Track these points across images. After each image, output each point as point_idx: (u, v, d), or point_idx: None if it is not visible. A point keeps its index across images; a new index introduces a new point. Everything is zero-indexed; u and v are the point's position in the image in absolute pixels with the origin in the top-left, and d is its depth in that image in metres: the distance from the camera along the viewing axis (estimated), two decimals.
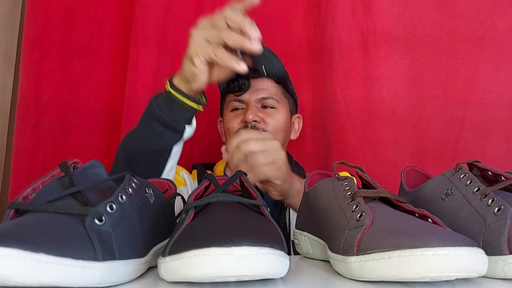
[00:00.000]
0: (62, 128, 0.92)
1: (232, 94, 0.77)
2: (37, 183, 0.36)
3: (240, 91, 0.75)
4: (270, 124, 0.75)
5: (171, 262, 0.29)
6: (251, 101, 0.76)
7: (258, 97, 0.76)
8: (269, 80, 0.78)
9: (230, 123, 0.77)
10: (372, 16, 0.89)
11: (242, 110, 0.77)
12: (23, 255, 0.24)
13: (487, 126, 0.85)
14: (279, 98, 0.78)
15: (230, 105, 0.78)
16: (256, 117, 0.74)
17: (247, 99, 0.76)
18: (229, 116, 0.78)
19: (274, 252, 0.28)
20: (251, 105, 0.75)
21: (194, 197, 0.37)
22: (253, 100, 0.76)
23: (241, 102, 0.76)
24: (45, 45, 0.92)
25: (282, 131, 0.77)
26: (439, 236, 0.29)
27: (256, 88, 0.76)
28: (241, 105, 0.77)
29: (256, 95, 0.76)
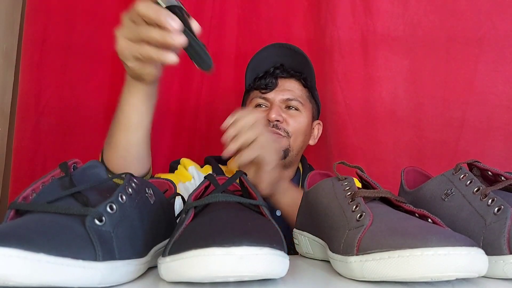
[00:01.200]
0: (62, 129, 0.92)
1: (257, 90, 0.77)
2: (37, 183, 0.36)
3: (266, 89, 0.75)
4: (292, 125, 0.75)
5: (171, 262, 0.29)
6: (275, 100, 0.75)
7: (284, 97, 0.76)
8: (296, 82, 0.78)
9: None
10: (372, 17, 0.89)
11: (265, 107, 0.77)
12: (23, 255, 0.24)
13: (487, 126, 0.85)
14: (304, 101, 0.78)
15: (254, 101, 0.78)
16: (279, 116, 0.74)
17: (272, 98, 0.76)
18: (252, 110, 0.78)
19: (274, 252, 0.28)
20: (275, 104, 0.75)
21: (194, 197, 0.37)
22: (278, 99, 0.76)
23: (265, 100, 0.76)
24: (45, 45, 0.92)
25: (302, 134, 0.77)
26: (439, 236, 0.29)
27: (283, 88, 0.76)
28: (265, 103, 0.77)
29: (281, 95, 0.76)
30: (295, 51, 0.78)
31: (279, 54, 0.78)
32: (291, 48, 0.78)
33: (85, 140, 0.93)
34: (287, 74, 0.77)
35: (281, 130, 0.74)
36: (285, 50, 0.78)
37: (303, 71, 0.78)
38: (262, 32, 0.96)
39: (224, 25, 0.97)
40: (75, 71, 0.93)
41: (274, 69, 0.77)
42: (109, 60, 0.95)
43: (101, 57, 0.94)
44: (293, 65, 0.78)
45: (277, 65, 0.77)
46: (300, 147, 0.79)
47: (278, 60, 0.77)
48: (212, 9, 0.96)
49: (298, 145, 0.77)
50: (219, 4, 0.97)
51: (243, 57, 0.91)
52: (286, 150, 0.75)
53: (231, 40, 0.97)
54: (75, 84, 0.93)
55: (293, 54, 0.78)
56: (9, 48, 0.95)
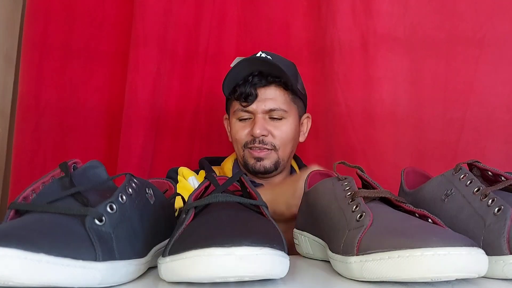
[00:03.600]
0: (62, 129, 0.92)
1: (237, 101, 0.74)
2: (37, 183, 0.36)
3: (247, 102, 0.72)
4: (278, 137, 0.74)
5: (171, 262, 0.29)
6: (258, 112, 0.73)
7: (266, 108, 0.73)
8: (277, 88, 0.74)
9: (237, 134, 0.75)
10: (372, 17, 0.89)
11: (249, 119, 0.75)
12: (24, 256, 0.24)
13: (487, 127, 0.85)
14: (288, 106, 0.75)
15: (237, 114, 0.75)
16: (264, 131, 0.72)
17: (254, 110, 0.73)
18: (236, 126, 0.76)
19: (274, 252, 0.28)
20: (258, 117, 0.73)
21: (194, 197, 0.37)
22: (260, 110, 0.73)
23: (248, 112, 0.74)
24: (45, 46, 0.92)
25: (290, 141, 0.76)
26: (439, 236, 0.29)
27: (264, 97, 0.72)
28: (248, 115, 0.74)
29: (263, 105, 0.72)
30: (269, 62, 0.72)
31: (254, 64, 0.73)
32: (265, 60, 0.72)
33: (85, 140, 0.93)
34: (266, 81, 0.72)
35: (268, 144, 0.73)
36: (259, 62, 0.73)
37: (281, 75, 0.73)
38: (262, 32, 0.96)
39: (224, 26, 0.97)
40: (75, 71, 0.94)
41: (252, 78, 0.72)
42: (109, 61, 0.95)
43: (101, 57, 0.95)
44: (270, 71, 0.72)
45: (255, 73, 0.72)
46: (290, 152, 0.78)
47: (254, 68, 0.73)
48: (212, 10, 0.96)
49: (287, 153, 0.76)
50: (219, 4, 0.97)
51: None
52: (276, 162, 0.75)
53: (231, 41, 0.97)
54: (75, 84, 0.94)
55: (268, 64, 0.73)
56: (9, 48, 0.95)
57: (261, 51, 0.74)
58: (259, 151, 0.73)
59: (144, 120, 0.89)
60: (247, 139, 0.74)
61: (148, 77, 0.89)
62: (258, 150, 0.73)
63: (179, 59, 0.95)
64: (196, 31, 0.96)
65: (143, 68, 0.89)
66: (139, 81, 0.89)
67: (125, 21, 0.94)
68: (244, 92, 0.72)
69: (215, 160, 0.84)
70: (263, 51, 0.74)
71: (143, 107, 0.89)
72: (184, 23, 0.95)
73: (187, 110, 0.96)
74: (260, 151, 0.73)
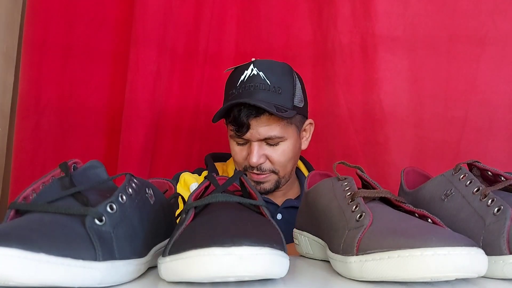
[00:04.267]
0: (62, 129, 0.92)
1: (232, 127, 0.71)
2: (37, 183, 0.36)
3: (240, 133, 0.69)
4: (277, 161, 0.71)
5: (171, 262, 0.29)
6: (253, 140, 0.70)
7: (260, 137, 0.69)
8: (270, 116, 0.68)
9: (236, 156, 0.74)
10: (372, 18, 0.89)
11: (246, 143, 0.72)
12: (24, 255, 0.24)
13: (488, 126, 0.85)
14: (284, 131, 0.70)
15: (233, 138, 0.73)
16: (261, 159, 0.70)
17: (249, 137, 0.70)
18: (234, 148, 0.74)
19: (274, 252, 0.28)
20: (254, 145, 0.70)
21: (194, 197, 0.37)
22: (255, 139, 0.69)
23: (243, 139, 0.71)
24: (45, 46, 0.92)
25: (291, 159, 0.73)
26: (439, 236, 0.29)
27: (257, 126, 0.68)
28: (244, 141, 0.72)
29: (257, 134, 0.69)
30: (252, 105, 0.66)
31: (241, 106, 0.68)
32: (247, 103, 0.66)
33: (85, 140, 0.93)
34: (257, 112, 0.67)
35: (266, 170, 0.71)
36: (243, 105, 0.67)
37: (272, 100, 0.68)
38: (262, 33, 0.96)
39: (223, 26, 0.97)
40: (75, 71, 0.94)
41: (242, 108, 0.67)
42: (109, 60, 0.95)
43: (101, 57, 0.95)
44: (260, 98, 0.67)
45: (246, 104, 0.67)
46: (291, 168, 0.76)
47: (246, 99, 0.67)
48: (211, 10, 0.96)
49: (288, 171, 0.74)
50: (219, 4, 0.97)
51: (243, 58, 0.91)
52: (277, 182, 0.74)
53: (231, 41, 0.97)
54: (75, 84, 0.94)
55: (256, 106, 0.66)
56: (9, 48, 0.95)
57: (252, 64, 0.70)
58: (258, 176, 0.72)
59: (144, 119, 0.89)
60: (245, 163, 0.73)
61: (148, 76, 0.89)
62: (256, 176, 0.72)
63: (179, 58, 0.95)
64: (196, 31, 0.96)
65: (143, 67, 0.89)
66: (139, 80, 0.89)
67: (125, 21, 0.94)
68: (237, 121, 0.68)
69: (221, 157, 0.83)
70: (255, 64, 0.70)
71: (143, 106, 0.89)
72: (184, 23, 0.95)
73: (187, 110, 0.96)
74: (258, 175, 0.72)
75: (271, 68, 0.71)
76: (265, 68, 0.70)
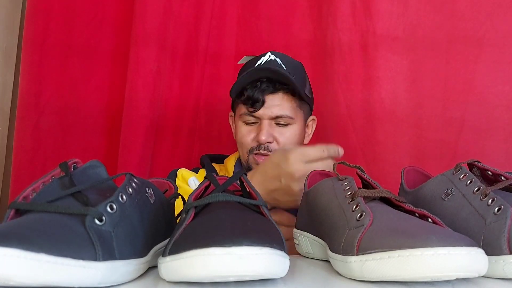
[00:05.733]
0: (62, 128, 0.92)
1: (244, 106, 0.74)
2: (37, 183, 0.36)
3: (254, 108, 0.72)
4: (283, 143, 0.74)
5: (171, 262, 0.29)
6: (264, 118, 0.73)
7: (272, 114, 0.72)
8: (284, 94, 0.73)
9: (243, 138, 0.75)
10: (371, 17, 0.89)
11: (255, 124, 0.75)
12: (24, 255, 0.24)
13: (487, 126, 0.85)
14: (294, 113, 0.74)
15: (243, 118, 0.75)
16: (270, 137, 0.72)
17: (261, 115, 0.73)
18: (242, 129, 0.76)
19: (274, 252, 0.28)
20: (264, 123, 0.72)
21: (195, 197, 0.37)
22: (267, 117, 0.72)
23: (254, 117, 0.74)
24: (45, 45, 0.92)
25: (296, 146, 0.75)
26: (439, 236, 0.29)
27: (271, 104, 0.72)
28: (255, 120, 0.74)
29: (270, 112, 0.72)
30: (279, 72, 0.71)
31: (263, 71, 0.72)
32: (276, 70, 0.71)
33: (85, 139, 0.93)
34: (274, 88, 0.72)
35: (273, 150, 0.73)
36: (269, 71, 0.72)
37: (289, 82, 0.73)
38: (262, 32, 0.96)
39: (224, 25, 0.97)
40: (75, 70, 0.94)
41: (260, 84, 0.72)
42: (108, 60, 0.95)
43: (101, 57, 0.95)
44: (279, 77, 0.72)
45: (263, 79, 0.72)
46: None
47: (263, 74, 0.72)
48: (212, 9, 0.96)
49: None
50: (219, 4, 0.97)
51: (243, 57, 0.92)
52: None
53: (231, 40, 0.97)
54: (75, 83, 0.93)
55: (278, 73, 0.72)
56: (9, 47, 0.95)
57: (269, 52, 0.74)
58: (264, 158, 0.73)
59: (144, 119, 0.89)
60: (252, 145, 0.74)
61: (148, 76, 0.89)
62: (263, 157, 0.73)
63: (179, 58, 0.95)
64: (196, 30, 0.96)
65: (143, 67, 0.89)
66: (139, 80, 0.89)
67: (125, 20, 0.94)
68: (251, 98, 0.72)
69: (217, 158, 0.84)
70: (272, 52, 0.74)
71: (143, 106, 0.89)
72: (184, 22, 0.95)
73: (187, 109, 0.96)
74: (265, 157, 0.73)
75: (286, 58, 0.75)
76: (282, 56, 0.75)
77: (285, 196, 0.60)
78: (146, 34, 0.89)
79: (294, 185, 0.59)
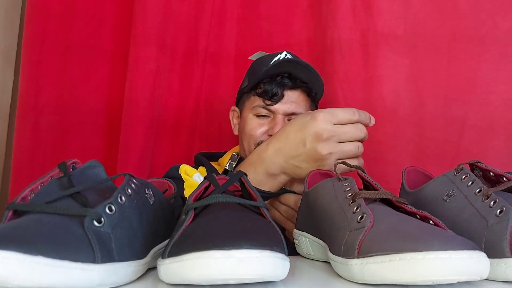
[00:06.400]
0: (61, 128, 0.92)
1: (260, 98, 0.73)
2: (36, 183, 0.35)
3: (272, 101, 0.72)
4: None
5: (170, 264, 0.29)
6: (279, 113, 0.72)
7: (288, 110, 0.72)
8: (301, 93, 0.74)
9: (254, 130, 0.74)
10: (372, 16, 0.88)
11: (267, 117, 0.74)
12: (22, 258, 0.24)
13: (489, 126, 0.84)
14: None
15: (256, 110, 0.74)
16: None
17: (276, 110, 0.72)
18: (253, 122, 0.75)
19: (275, 255, 0.28)
20: (279, 118, 0.72)
21: (194, 198, 0.37)
22: (282, 112, 0.72)
23: (268, 110, 0.73)
24: (45, 45, 0.91)
25: None
26: (441, 239, 0.28)
27: (288, 100, 0.72)
28: (267, 113, 0.74)
29: (286, 107, 0.72)
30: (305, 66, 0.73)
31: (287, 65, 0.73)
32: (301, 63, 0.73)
33: (84, 140, 0.93)
34: (294, 84, 0.72)
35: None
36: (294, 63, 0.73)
37: (309, 81, 0.74)
38: (262, 32, 0.96)
39: (224, 25, 0.97)
40: (74, 70, 0.93)
41: (281, 78, 0.72)
42: (108, 59, 0.95)
43: (100, 56, 0.94)
44: (299, 75, 0.73)
45: (285, 74, 0.72)
46: None
47: (285, 69, 0.73)
48: (212, 9, 0.96)
49: None
50: (219, 3, 0.96)
51: (243, 57, 0.91)
52: None
53: (231, 40, 0.97)
54: (74, 83, 0.93)
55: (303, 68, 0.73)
56: (8, 47, 0.95)
57: (285, 51, 0.74)
58: None
59: (144, 119, 0.89)
60: (262, 138, 0.73)
61: (148, 75, 0.89)
62: None
63: (179, 57, 0.95)
64: (196, 29, 0.95)
65: (142, 66, 0.88)
66: (138, 79, 0.88)
67: (125, 20, 0.93)
68: (271, 91, 0.71)
69: (212, 156, 0.83)
70: (287, 52, 0.74)
71: (143, 105, 0.88)
72: (184, 21, 0.94)
73: (187, 109, 0.95)
74: None
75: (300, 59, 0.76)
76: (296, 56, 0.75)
77: (310, 162, 0.55)
78: (145, 34, 0.88)
79: (321, 146, 0.53)
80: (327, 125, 0.53)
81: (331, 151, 0.53)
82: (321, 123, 0.53)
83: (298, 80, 0.73)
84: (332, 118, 0.54)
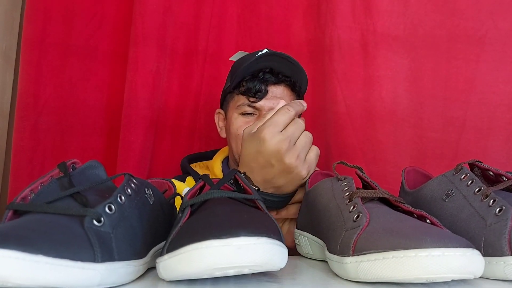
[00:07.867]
0: (61, 128, 0.92)
1: (244, 96, 0.72)
2: (35, 183, 0.36)
3: (256, 98, 0.71)
4: None
5: (169, 260, 0.29)
6: (264, 109, 0.72)
7: (273, 106, 0.70)
8: (285, 87, 0.73)
9: (240, 129, 0.73)
10: (372, 16, 0.89)
11: (253, 115, 0.73)
12: (22, 257, 0.24)
13: (488, 126, 0.85)
14: None
15: (241, 109, 0.74)
16: None
17: (261, 106, 0.72)
18: (238, 121, 0.74)
19: (272, 242, 0.28)
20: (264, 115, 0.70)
21: (190, 197, 0.37)
22: (267, 108, 0.71)
23: (253, 108, 0.73)
24: (45, 45, 0.92)
25: None
26: (434, 236, 0.28)
27: (272, 95, 0.71)
28: (253, 111, 0.73)
29: (271, 103, 0.71)
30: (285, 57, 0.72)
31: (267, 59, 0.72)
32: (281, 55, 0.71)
33: (84, 140, 0.93)
34: (277, 79, 0.71)
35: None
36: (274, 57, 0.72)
37: (292, 75, 0.73)
38: (262, 32, 0.96)
39: (223, 24, 0.97)
40: (74, 70, 0.93)
41: (263, 74, 0.71)
42: (108, 59, 0.95)
43: (100, 56, 0.94)
44: (281, 69, 0.72)
45: (266, 69, 0.71)
46: None
47: (266, 64, 0.71)
48: (211, 9, 0.96)
49: None
50: (218, 3, 0.96)
51: None
52: None
53: (231, 39, 0.97)
54: (74, 83, 0.93)
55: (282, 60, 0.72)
56: (8, 47, 0.95)
57: (266, 49, 0.73)
58: None
59: (144, 119, 0.89)
60: None
61: (148, 76, 0.89)
62: None
63: (178, 57, 0.95)
64: (195, 29, 0.95)
65: (142, 66, 0.88)
66: (138, 80, 0.88)
67: (124, 20, 0.94)
68: (254, 88, 0.70)
69: (200, 157, 0.82)
70: (268, 49, 0.73)
71: (143, 106, 0.88)
72: (184, 21, 0.95)
73: (186, 109, 0.96)
74: None
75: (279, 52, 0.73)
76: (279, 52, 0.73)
77: (285, 176, 0.54)
78: (145, 34, 0.88)
79: (287, 158, 0.52)
80: (278, 138, 0.52)
81: (296, 155, 0.52)
82: (273, 140, 0.52)
83: (280, 75, 0.71)
84: (276, 128, 0.53)
